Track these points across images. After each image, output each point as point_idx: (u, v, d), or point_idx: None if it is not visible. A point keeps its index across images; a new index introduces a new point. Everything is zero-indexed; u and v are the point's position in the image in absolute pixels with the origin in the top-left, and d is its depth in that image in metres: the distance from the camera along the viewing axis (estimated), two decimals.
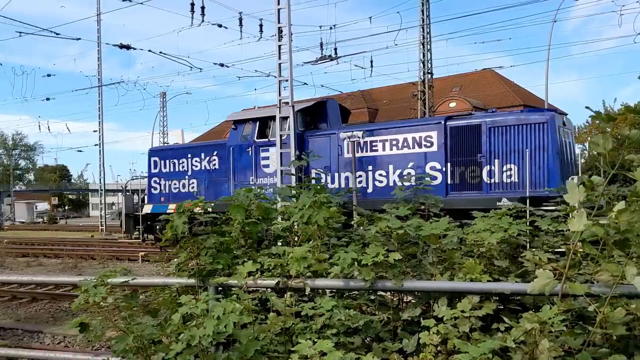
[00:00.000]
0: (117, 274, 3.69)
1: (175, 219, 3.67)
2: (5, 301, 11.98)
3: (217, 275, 3.84)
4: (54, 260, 19.96)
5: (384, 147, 14.51)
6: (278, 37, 16.11)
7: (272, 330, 3.42)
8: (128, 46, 25.32)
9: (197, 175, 18.27)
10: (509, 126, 12.95)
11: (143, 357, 3.51)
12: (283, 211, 4.25)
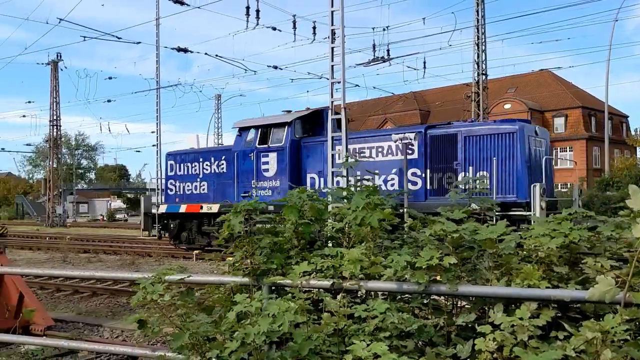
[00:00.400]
0: (174, 272, 3.79)
1: (232, 218, 3.74)
2: (68, 295, 12.49)
3: (271, 274, 3.89)
4: (113, 256, 20.67)
5: (371, 153, 15.56)
6: (331, 39, 16.15)
7: (325, 330, 3.43)
8: (185, 49, 25.97)
9: (208, 178, 19.41)
10: (482, 135, 13.89)
11: (198, 353, 3.59)
12: (335, 212, 4.26)
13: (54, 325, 8.96)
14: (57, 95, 47.03)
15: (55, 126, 47.60)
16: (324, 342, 3.45)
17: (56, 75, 46.53)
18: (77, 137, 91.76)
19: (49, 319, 8.88)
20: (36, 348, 6.48)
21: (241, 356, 3.49)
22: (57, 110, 47.31)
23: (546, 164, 14.24)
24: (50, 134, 48.22)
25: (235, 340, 3.36)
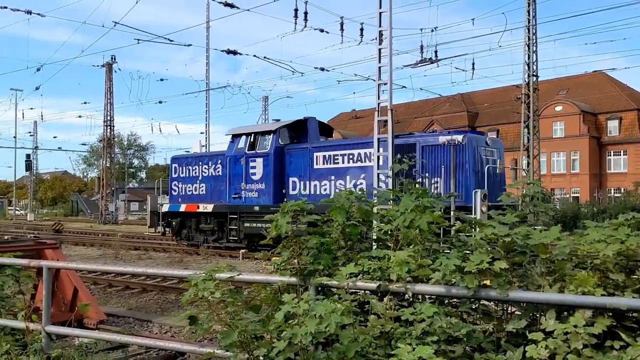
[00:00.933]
0: (223, 270, 3.85)
1: (280, 218, 3.77)
2: (119, 290, 12.85)
3: (317, 275, 3.90)
4: (162, 254, 21.14)
5: (344, 160, 17.23)
6: (379, 40, 16.09)
7: (371, 333, 3.42)
8: (235, 51, 26.36)
9: (206, 180, 21.20)
10: (436, 145, 15.41)
11: (246, 351, 3.63)
12: (383, 214, 4.25)
13: (106, 319, 9.23)
14: (111, 97, 48.53)
15: (109, 126, 49.11)
16: (370, 344, 3.44)
17: (110, 77, 48.02)
18: (129, 137, 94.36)
19: (102, 313, 9.16)
20: (89, 341, 6.69)
21: (288, 356, 3.52)
22: (111, 111, 48.83)
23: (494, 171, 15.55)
24: (104, 134, 49.77)
25: (282, 339, 3.39)
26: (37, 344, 4.83)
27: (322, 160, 17.81)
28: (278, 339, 3.53)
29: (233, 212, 20.05)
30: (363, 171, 16.59)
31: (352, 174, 16.93)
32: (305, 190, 18.31)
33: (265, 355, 3.63)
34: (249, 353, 3.66)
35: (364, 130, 68.96)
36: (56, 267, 5.44)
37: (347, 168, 17.13)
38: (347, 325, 3.45)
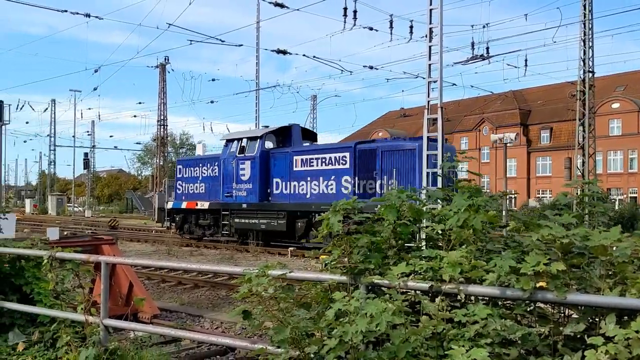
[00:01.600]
0: (275, 267, 3.89)
1: (331, 217, 3.78)
2: (172, 286, 13.17)
3: (368, 274, 3.89)
4: (213, 250, 21.54)
5: (317, 163, 19.43)
6: (429, 37, 15.91)
7: (423, 333, 3.39)
8: (284, 51, 26.57)
9: (204, 181, 23.54)
10: (392, 151, 17.64)
11: (298, 348, 3.66)
12: (434, 213, 4.19)
13: (160, 314, 9.48)
14: (164, 97, 49.76)
15: (163, 126, 50.37)
16: (422, 345, 3.41)
17: (164, 78, 49.24)
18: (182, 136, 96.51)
19: (155, 307, 9.40)
20: (144, 334, 6.87)
21: (338, 354, 3.53)
22: (165, 111, 50.06)
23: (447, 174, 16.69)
24: (157, 133, 51.09)
25: (333, 337, 3.40)
26: (95, 336, 5.00)
27: (300, 163, 20.12)
28: (329, 337, 3.54)
29: (225, 209, 22.32)
30: (334, 173, 18.99)
31: (325, 176, 19.27)
32: (286, 190, 20.60)
33: (316, 353, 3.64)
34: (300, 350, 3.68)
35: (412, 128, 68.31)
36: (113, 262, 5.62)
37: (320, 170, 19.40)
38: (398, 325, 3.43)
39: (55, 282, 5.55)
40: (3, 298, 6.04)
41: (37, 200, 68.61)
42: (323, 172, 19.28)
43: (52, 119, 61.05)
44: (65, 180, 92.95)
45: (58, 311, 5.66)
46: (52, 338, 5.51)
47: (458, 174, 16.28)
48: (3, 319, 6.05)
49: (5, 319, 6.05)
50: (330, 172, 19.07)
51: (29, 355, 5.51)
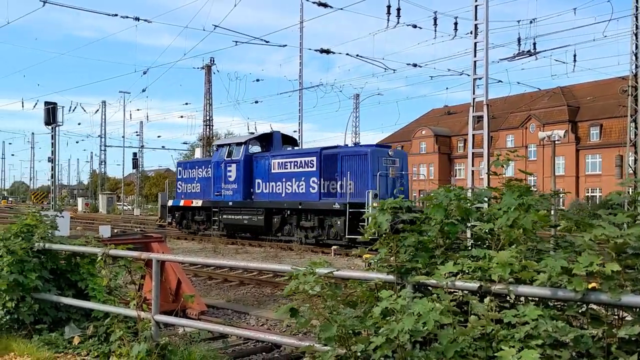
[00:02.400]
0: (323, 265, 3.92)
1: (379, 215, 3.78)
2: (219, 283, 13.39)
3: (415, 273, 3.87)
4: (258, 248, 21.78)
5: (291, 166, 21.91)
6: (474, 34, 15.69)
7: (471, 334, 3.36)
8: (328, 50, 26.63)
9: (199, 181, 26.34)
10: (349, 155, 20.32)
11: (344, 346, 3.68)
12: (483, 212, 4.14)
13: (207, 310, 9.66)
14: (210, 97, 50.59)
15: (208, 126, 51.21)
16: (470, 345, 3.38)
17: (209, 79, 50.04)
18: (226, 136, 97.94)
19: (203, 304, 9.59)
20: (193, 330, 7.02)
21: (385, 353, 3.53)
22: (210, 111, 50.89)
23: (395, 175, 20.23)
24: (203, 134, 51.93)
25: (380, 336, 3.41)
26: (147, 331, 5.14)
27: (277, 166, 22.57)
28: (375, 335, 3.55)
29: (215, 207, 25.05)
30: (304, 175, 21.39)
31: (296, 177, 21.71)
32: (266, 189, 23.12)
33: (362, 351, 3.66)
34: (347, 348, 3.70)
35: (456, 126, 67.43)
36: (164, 259, 5.77)
37: (293, 172, 21.90)
38: (446, 325, 3.41)
39: (109, 278, 5.73)
40: (60, 293, 6.28)
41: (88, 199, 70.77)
42: (295, 174, 21.78)
43: (103, 120, 62.82)
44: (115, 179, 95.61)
45: (111, 306, 5.84)
46: (106, 332, 5.69)
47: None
48: (60, 313, 6.29)
49: (62, 314, 6.29)
50: (301, 174, 21.58)
51: (84, 348, 5.71)
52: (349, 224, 18.90)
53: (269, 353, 7.67)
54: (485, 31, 15.21)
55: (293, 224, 22.04)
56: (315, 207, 20.94)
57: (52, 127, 27.00)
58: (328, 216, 20.52)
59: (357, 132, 58.49)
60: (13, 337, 6.06)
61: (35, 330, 6.13)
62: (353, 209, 18.70)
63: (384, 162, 19.71)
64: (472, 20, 15.59)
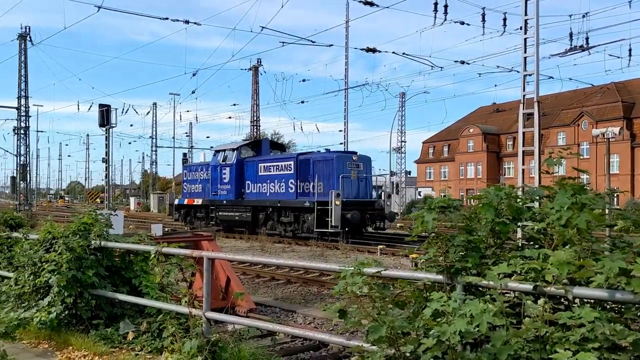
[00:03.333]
0: (371, 264, 3.91)
1: (426, 214, 3.75)
2: (266, 281, 13.53)
3: (464, 273, 3.82)
4: (304, 247, 21.89)
5: (273, 169, 25.11)
6: (524, 29, 15.33)
7: (524, 336, 3.29)
8: (374, 49, 26.53)
9: (201, 182, 29.52)
10: (319, 160, 23.47)
11: (393, 347, 3.66)
12: (535, 212, 4.05)
13: (255, 308, 9.78)
14: (257, 98, 51.17)
15: (255, 126, 51.81)
16: (524, 347, 3.31)
17: (257, 80, 50.61)
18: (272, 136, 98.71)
19: (251, 302, 9.72)
20: (242, 327, 7.12)
21: (435, 354, 3.50)
22: (257, 112, 51.48)
23: (358, 177, 23.27)
24: (251, 134, 52.56)
25: (430, 337, 3.38)
26: (198, 328, 5.24)
27: (263, 169, 25.68)
28: (425, 337, 3.52)
29: (212, 205, 28.15)
30: (283, 177, 24.54)
31: (278, 179, 24.81)
32: (254, 190, 26.22)
33: (412, 352, 3.63)
34: (396, 349, 3.68)
35: (505, 124, 65.99)
36: (214, 257, 5.88)
37: (275, 175, 24.99)
38: (498, 326, 3.35)
39: (162, 275, 5.87)
40: (115, 290, 6.48)
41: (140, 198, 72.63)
42: (277, 176, 24.88)
43: (154, 121, 64.42)
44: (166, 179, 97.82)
45: (164, 303, 5.99)
46: (159, 328, 5.84)
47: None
48: (115, 309, 6.49)
49: (117, 310, 6.49)
50: (281, 176, 24.64)
51: (138, 343, 5.87)
52: (317, 219, 21.84)
53: (317, 351, 7.71)
54: (536, 26, 14.83)
55: (275, 220, 25.10)
56: (291, 205, 24.03)
57: (106, 128, 27.91)
58: (302, 213, 23.48)
59: (402, 131, 57.91)
60: (71, 332, 6.28)
61: (92, 325, 6.33)
62: (320, 206, 21.84)
63: (348, 166, 22.92)
64: (521, 16, 15.25)
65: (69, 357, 5.79)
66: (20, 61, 40.13)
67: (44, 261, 6.54)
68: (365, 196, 23.57)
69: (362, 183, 23.37)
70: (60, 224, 7.30)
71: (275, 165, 25.08)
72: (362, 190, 23.27)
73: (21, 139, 40.50)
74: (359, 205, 22.29)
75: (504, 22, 23.93)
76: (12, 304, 6.80)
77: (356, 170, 23.03)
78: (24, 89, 40.04)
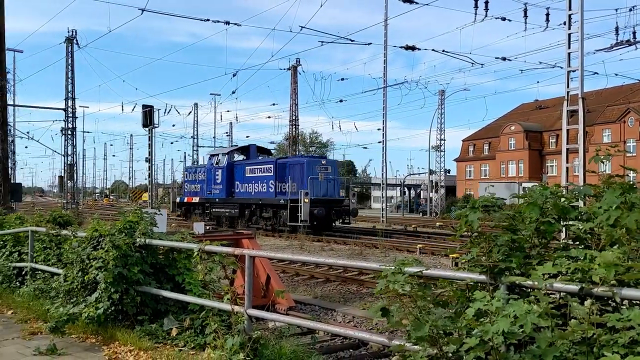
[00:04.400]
0: (412, 264, 3.89)
1: (470, 213, 3.71)
2: (305, 279, 13.61)
3: (508, 273, 3.77)
4: (343, 246, 21.92)
5: (257, 171, 29.20)
6: (568, 24, 14.99)
7: (571, 337, 3.22)
8: (413, 47, 26.33)
9: (199, 182, 33.69)
10: (293, 164, 27.57)
11: (435, 347, 3.64)
12: (581, 211, 3.96)
13: (295, 306, 9.85)
14: (296, 98, 51.39)
15: (294, 126, 52.06)
16: (570, 350, 3.24)
17: (295, 79, 50.83)
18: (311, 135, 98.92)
19: (291, 300, 9.79)
20: (282, 325, 7.18)
21: (478, 354, 3.46)
22: (296, 111, 51.70)
23: (326, 178, 27.17)
24: (289, 133, 52.85)
25: (473, 337, 3.35)
26: (240, 325, 5.31)
27: (249, 171, 29.82)
28: (468, 336, 3.48)
29: (207, 202, 32.47)
30: (265, 178, 28.50)
31: (261, 180, 28.79)
32: (242, 189, 30.23)
33: (454, 352, 3.60)
34: (438, 348, 3.66)
35: (548, 121, 64.51)
36: (256, 255, 5.94)
37: (258, 176, 29.05)
38: (543, 328, 3.29)
39: (204, 272, 5.97)
40: (159, 287, 6.62)
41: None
42: (260, 177, 28.93)
43: (195, 121, 65.45)
44: None
45: (207, 300, 6.08)
46: (201, 325, 5.93)
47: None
48: (159, 305, 6.63)
49: (161, 306, 6.63)
50: (263, 177, 28.64)
51: (181, 340, 5.98)
52: (290, 214, 25.61)
53: (356, 350, 7.72)
54: (580, 21, 14.49)
55: (258, 215, 28.95)
56: (270, 203, 27.96)
57: (149, 128, 28.63)
58: (279, 209, 27.26)
59: (442, 129, 57.30)
60: (117, 327, 6.45)
61: (137, 321, 6.49)
62: (293, 203, 25.66)
63: (317, 169, 26.86)
64: (565, 11, 14.93)
65: (115, 352, 5.94)
66: (67, 64, 41.36)
67: (92, 258, 6.73)
68: (333, 195, 27.51)
69: (330, 183, 27.34)
70: (106, 222, 7.50)
71: (259, 168, 29.37)
72: (329, 190, 27.15)
73: (68, 139, 41.80)
74: (326, 203, 26.47)
75: (546, 17, 23.43)
76: (61, 299, 7.01)
77: (324, 172, 27.05)
78: (71, 91, 41.24)
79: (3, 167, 16.80)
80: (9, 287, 8.96)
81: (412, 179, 73.02)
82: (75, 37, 40.75)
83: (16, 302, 8.18)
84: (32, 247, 9.04)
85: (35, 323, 7.22)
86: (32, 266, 8.89)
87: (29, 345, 6.26)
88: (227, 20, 24.78)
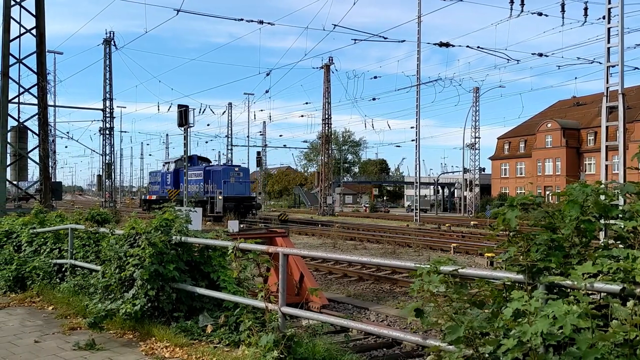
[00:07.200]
0: (447, 263, 3.84)
1: (508, 211, 3.64)
2: (338, 278, 13.60)
3: (547, 273, 3.68)
4: (376, 245, 21.84)
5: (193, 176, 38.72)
6: (607, 19, 14.60)
7: (612, 339, 3.13)
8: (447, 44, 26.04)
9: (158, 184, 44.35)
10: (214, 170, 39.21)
11: (472, 348, 3.58)
12: (624, 210, 3.84)
13: (328, 304, 9.85)
14: (328, 96, 51.42)
15: (327, 124, 52.10)
16: (611, 352, 3.15)
17: (328, 78, 50.85)
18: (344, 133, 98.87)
19: (324, 298, 9.79)
20: (315, 323, 7.17)
21: (516, 355, 3.39)
22: (329, 110, 51.73)
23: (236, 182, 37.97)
24: (322, 132, 52.91)
25: (511, 338, 3.28)
26: (274, 322, 5.33)
27: (190, 174, 36.23)
28: (505, 337, 3.42)
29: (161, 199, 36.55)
30: (198, 181, 38.70)
31: (195, 182, 38.59)
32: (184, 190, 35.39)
33: (491, 353, 3.54)
34: (475, 349, 3.60)
35: (585, 119, 63.03)
36: (289, 253, 5.94)
37: (194, 179, 38.66)
38: (583, 329, 3.20)
39: (239, 270, 6.00)
40: (194, 284, 6.69)
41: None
42: (195, 180, 38.76)
43: (229, 121, 66.06)
44: None
45: (241, 297, 6.12)
46: (236, 322, 5.96)
47: None
48: (195, 302, 6.70)
49: (196, 303, 6.70)
50: (197, 180, 38.86)
51: (216, 336, 6.03)
52: (210, 207, 36.19)
53: (390, 349, 7.67)
54: (620, 15, 14.09)
55: None
56: (199, 199, 34.91)
57: (184, 128, 28.94)
58: (205, 204, 35.95)
59: (476, 127, 56.54)
60: (154, 324, 6.54)
61: (173, 317, 6.57)
62: (212, 200, 36.19)
63: (230, 175, 37.51)
64: (604, 5, 14.53)
65: (152, 348, 6.03)
66: (105, 65, 42.26)
67: (129, 255, 6.84)
68: (243, 194, 38.32)
69: (242, 185, 38.25)
70: (143, 219, 7.62)
71: (195, 173, 39.28)
72: (240, 190, 37.85)
73: (106, 139, 42.85)
74: (237, 200, 36.91)
75: (585, 11, 22.88)
76: (99, 295, 7.15)
77: (236, 177, 37.81)
78: (108, 92, 42.14)
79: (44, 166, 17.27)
80: (50, 283, 9.19)
81: (445, 177, 72.28)
82: (112, 38, 41.65)
83: (57, 298, 8.38)
84: (72, 244, 9.25)
85: (74, 318, 7.39)
86: (71, 263, 9.10)
87: (68, 340, 6.41)
88: (261, 20, 24.95)
